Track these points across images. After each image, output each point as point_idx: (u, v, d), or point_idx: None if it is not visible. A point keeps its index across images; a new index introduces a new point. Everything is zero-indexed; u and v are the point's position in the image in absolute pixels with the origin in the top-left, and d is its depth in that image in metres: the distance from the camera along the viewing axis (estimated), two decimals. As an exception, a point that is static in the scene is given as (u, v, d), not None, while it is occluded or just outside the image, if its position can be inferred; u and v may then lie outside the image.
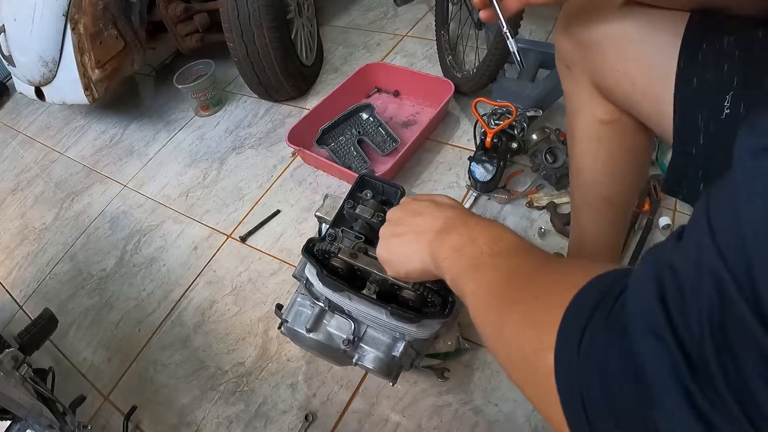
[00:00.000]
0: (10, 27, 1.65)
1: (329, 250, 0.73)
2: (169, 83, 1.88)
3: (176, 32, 1.82)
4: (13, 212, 1.75)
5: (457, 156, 1.46)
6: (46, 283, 1.47)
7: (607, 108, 0.68)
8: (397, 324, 0.73)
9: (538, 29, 1.83)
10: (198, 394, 1.12)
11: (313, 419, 1.03)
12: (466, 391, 1.01)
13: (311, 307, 0.83)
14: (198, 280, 1.34)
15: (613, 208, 0.81)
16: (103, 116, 2.04)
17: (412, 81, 1.64)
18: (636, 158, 0.75)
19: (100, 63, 1.62)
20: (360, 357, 0.80)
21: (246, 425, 1.06)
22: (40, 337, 1.06)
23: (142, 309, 1.32)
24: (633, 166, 0.76)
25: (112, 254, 1.49)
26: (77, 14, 1.55)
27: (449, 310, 0.70)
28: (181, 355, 1.20)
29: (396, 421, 1.00)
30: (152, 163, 1.75)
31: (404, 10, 2.10)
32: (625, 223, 0.88)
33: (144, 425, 1.11)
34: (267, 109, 1.82)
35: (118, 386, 1.19)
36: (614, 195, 0.78)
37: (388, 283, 0.71)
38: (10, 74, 2.21)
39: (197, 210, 1.53)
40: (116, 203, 1.65)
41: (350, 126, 1.55)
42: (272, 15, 1.52)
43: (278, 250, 1.35)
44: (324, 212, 0.85)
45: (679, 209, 1.20)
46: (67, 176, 1.82)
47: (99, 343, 1.28)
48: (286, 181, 1.53)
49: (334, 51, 2.00)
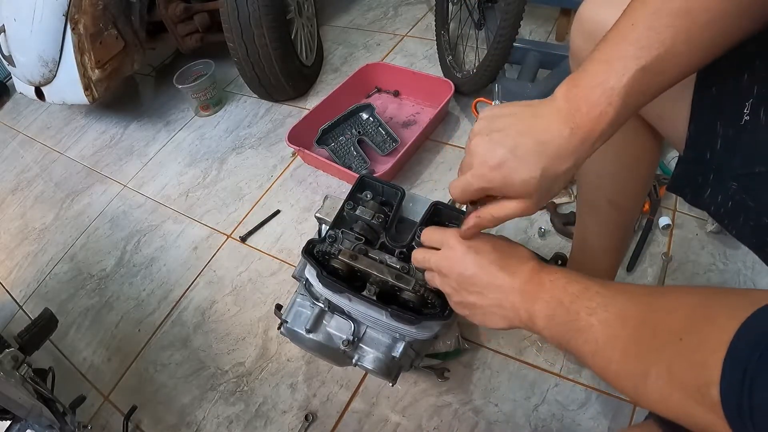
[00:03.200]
0: (10, 27, 1.65)
1: (329, 251, 0.73)
2: (169, 83, 1.88)
3: (176, 32, 1.82)
4: (13, 212, 1.75)
5: (457, 156, 1.46)
6: (46, 283, 1.47)
7: None
8: (397, 325, 0.73)
9: (538, 29, 1.83)
10: (198, 394, 1.12)
11: (313, 419, 1.03)
12: (466, 391, 1.01)
13: (311, 307, 0.83)
14: (198, 280, 1.34)
15: (619, 211, 0.80)
16: (103, 116, 2.04)
17: (412, 81, 1.64)
18: (643, 162, 0.75)
19: (100, 63, 1.61)
20: (360, 358, 0.80)
21: (246, 425, 1.06)
22: (40, 337, 1.06)
23: (142, 309, 1.32)
24: (640, 170, 0.75)
25: (112, 254, 1.49)
26: (77, 14, 1.55)
27: (449, 312, 0.70)
28: (181, 355, 1.20)
29: (396, 421, 1.00)
30: (152, 163, 1.75)
31: (404, 10, 2.11)
32: (631, 226, 0.88)
33: (144, 425, 1.11)
34: (267, 109, 1.82)
35: (118, 386, 1.19)
36: (621, 199, 0.78)
37: (388, 284, 0.71)
38: (10, 74, 2.21)
39: (197, 210, 1.54)
40: (116, 203, 1.65)
41: (350, 126, 1.55)
42: (272, 15, 1.52)
43: (278, 250, 1.35)
44: (324, 213, 0.85)
45: (679, 209, 1.20)
46: (67, 176, 1.82)
47: (99, 343, 1.28)
48: (286, 181, 1.53)
49: (334, 51, 2.00)
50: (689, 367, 0.34)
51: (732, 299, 0.35)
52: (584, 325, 0.44)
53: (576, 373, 1.00)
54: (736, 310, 0.32)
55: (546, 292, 0.49)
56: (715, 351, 0.31)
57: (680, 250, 1.13)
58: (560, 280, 0.49)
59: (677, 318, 0.37)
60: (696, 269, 1.09)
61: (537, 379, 1.00)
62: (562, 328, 0.46)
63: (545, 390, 0.99)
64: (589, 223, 0.84)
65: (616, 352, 0.41)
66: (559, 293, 0.48)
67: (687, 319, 0.36)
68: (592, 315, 0.43)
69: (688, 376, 0.34)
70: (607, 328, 0.42)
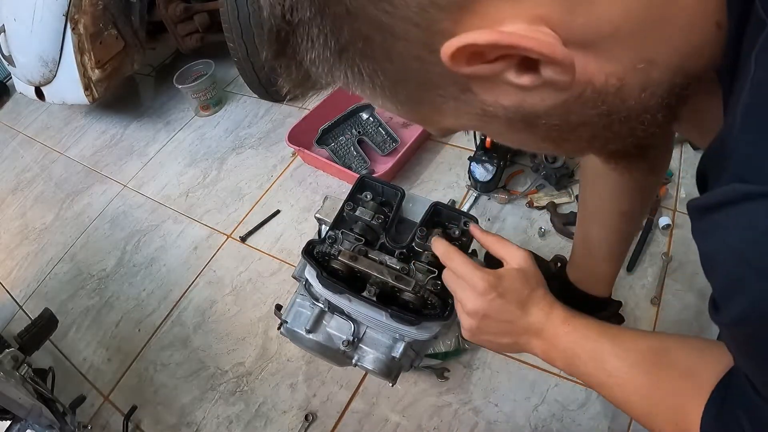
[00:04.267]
0: (10, 27, 1.65)
1: (329, 252, 0.73)
2: (169, 83, 1.88)
3: (176, 32, 1.82)
4: (13, 212, 1.75)
5: (457, 156, 1.46)
6: (46, 283, 1.47)
7: None
8: (397, 326, 0.73)
9: (538, 29, 1.83)
10: (198, 394, 1.12)
11: (313, 419, 1.03)
12: (466, 391, 1.01)
13: (311, 307, 0.83)
14: (198, 280, 1.34)
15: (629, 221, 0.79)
16: (103, 116, 2.04)
17: (412, 81, 1.64)
18: (660, 172, 0.74)
19: (100, 63, 1.61)
20: (360, 358, 0.80)
21: (246, 425, 1.06)
22: (40, 337, 1.06)
23: (142, 309, 1.32)
24: (655, 177, 0.75)
25: (112, 254, 1.49)
26: (77, 14, 1.55)
27: (449, 312, 0.70)
28: (181, 355, 1.20)
29: (396, 421, 1.00)
30: (152, 163, 1.75)
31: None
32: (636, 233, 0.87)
33: (144, 425, 1.11)
34: (267, 109, 1.82)
35: (118, 386, 1.19)
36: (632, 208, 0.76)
37: (387, 285, 0.71)
38: (10, 74, 2.21)
39: (197, 210, 1.54)
40: (116, 203, 1.65)
41: (350, 126, 1.55)
42: (272, 15, 1.52)
43: (278, 250, 1.35)
44: (324, 214, 0.85)
45: (679, 209, 1.20)
46: (67, 176, 1.82)
47: (99, 343, 1.28)
48: (286, 181, 1.53)
49: (334, 51, 2.00)
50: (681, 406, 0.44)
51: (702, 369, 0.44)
52: (603, 381, 0.52)
53: (576, 373, 1.00)
54: (702, 388, 0.42)
55: (561, 344, 0.56)
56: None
57: (680, 250, 1.13)
58: (573, 334, 0.55)
59: (668, 392, 0.47)
60: (696, 269, 1.09)
61: (537, 379, 1.00)
62: (579, 376, 0.55)
63: (545, 390, 0.99)
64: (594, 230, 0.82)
65: (631, 407, 0.51)
66: (573, 347, 0.55)
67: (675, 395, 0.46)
68: (609, 377, 0.51)
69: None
70: (621, 392, 0.51)
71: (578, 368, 0.54)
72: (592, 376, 0.53)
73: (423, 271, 0.72)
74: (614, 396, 0.51)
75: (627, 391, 0.50)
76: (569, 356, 0.55)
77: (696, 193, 0.33)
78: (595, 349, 0.53)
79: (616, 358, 0.51)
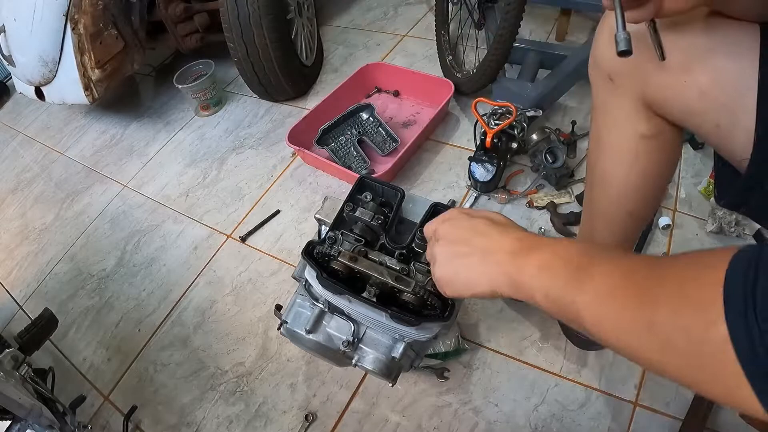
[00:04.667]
0: (10, 27, 1.65)
1: (329, 253, 0.73)
2: (169, 83, 1.88)
3: (176, 32, 1.82)
4: (13, 212, 1.75)
5: (457, 156, 1.46)
6: (46, 283, 1.47)
7: (651, 123, 0.66)
8: (397, 326, 0.73)
9: (538, 29, 1.83)
10: (198, 394, 1.13)
11: (313, 419, 1.03)
12: (466, 391, 1.01)
13: (311, 308, 0.83)
14: (198, 280, 1.34)
15: (636, 222, 0.80)
16: (103, 116, 2.04)
17: (412, 81, 1.64)
18: (667, 173, 0.74)
19: (100, 63, 1.61)
20: (359, 358, 0.80)
21: (246, 425, 1.06)
22: (40, 337, 1.06)
23: (142, 309, 1.32)
24: (663, 180, 0.75)
25: (112, 254, 1.49)
26: (77, 14, 1.55)
27: (449, 313, 0.70)
28: (181, 355, 1.20)
29: (396, 421, 1.00)
30: (152, 163, 1.75)
31: (404, 10, 2.10)
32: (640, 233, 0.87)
33: (144, 425, 1.11)
34: (267, 109, 1.82)
35: (118, 386, 1.19)
36: (639, 209, 0.77)
37: (387, 285, 0.71)
38: (10, 74, 2.21)
39: (197, 210, 1.54)
40: (116, 203, 1.65)
41: (350, 126, 1.55)
42: (272, 15, 1.52)
43: (278, 250, 1.35)
44: (323, 214, 0.85)
45: (679, 209, 1.20)
46: (67, 176, 1.82)
47: (99, 343, 1.28)
48: (286, 181, 1.53)
49: (334, 51, 2.00)
50: (693, 308, 0.34)
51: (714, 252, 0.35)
52: (583, 275, 0.42)
53: (576, 373, 1.00)
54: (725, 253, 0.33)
55: (544, 245, 0.48)
56: (714, 285, 0.32)
57: (680, 250, 1.13)
58: (561, 241, 0.48)
59: (674, 269, 0.38)
60: (696, 269, 1.09)
61: (537, 379, 1.00)
62: (555, 281, 0.44)
63: (545, 390, 0.99)
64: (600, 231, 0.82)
65: (616, 302, 0.39)
66: (557, 248, 0.46)
67: (687, 268, 0.37)
68: (592, 266, 0.42)
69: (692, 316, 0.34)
70: (608, 279, 0.41)
71: (555, 271, 0.45)
72: (570, 273, 0.43)
73: (423, 272, 0.72)
74: (596, 291, 0.42)
75: (614, 281, 0.41)
76: (547, 258, 0.46)
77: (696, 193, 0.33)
78: (582, 247, 0.46)
79: (604, 251, 0.45)
